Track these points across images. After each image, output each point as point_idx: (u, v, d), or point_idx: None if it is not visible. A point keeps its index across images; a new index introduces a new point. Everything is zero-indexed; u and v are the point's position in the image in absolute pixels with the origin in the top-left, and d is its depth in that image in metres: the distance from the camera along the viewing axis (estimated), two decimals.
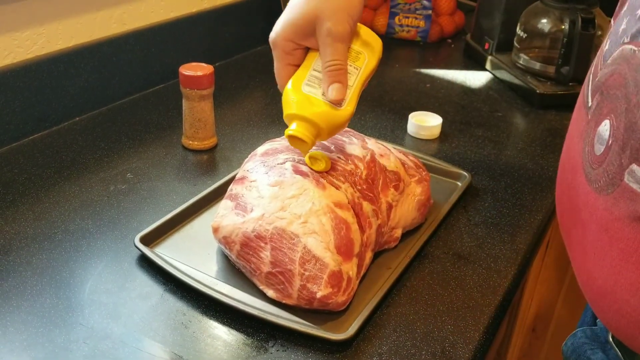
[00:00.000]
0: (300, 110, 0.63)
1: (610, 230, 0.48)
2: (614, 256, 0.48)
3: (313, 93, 0.63)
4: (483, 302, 0.68)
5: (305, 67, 0.64)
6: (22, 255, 0.70)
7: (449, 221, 0.81)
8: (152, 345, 0.60)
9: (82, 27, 1.02)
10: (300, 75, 0.64)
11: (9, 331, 0.60)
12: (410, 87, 1.24)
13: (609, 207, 0.48)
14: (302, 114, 0.63)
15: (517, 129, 1.10)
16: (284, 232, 0.64)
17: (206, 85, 0.89)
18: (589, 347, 0.61)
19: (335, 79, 0.62)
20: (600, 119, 0.50)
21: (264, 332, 0.62)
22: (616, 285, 0.48)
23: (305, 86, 0.63)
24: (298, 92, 0.63)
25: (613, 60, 0.50)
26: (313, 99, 0.63)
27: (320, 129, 0.63)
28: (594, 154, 0.50)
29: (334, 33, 0.61)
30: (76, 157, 0.91)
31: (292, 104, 0.63)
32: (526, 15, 1.24)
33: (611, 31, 0.53)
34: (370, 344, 0.62)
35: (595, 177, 0.50)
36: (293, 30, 0.62)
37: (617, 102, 0.47)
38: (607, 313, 0.51)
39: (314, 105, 0.63)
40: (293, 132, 0.63)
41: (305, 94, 0.63)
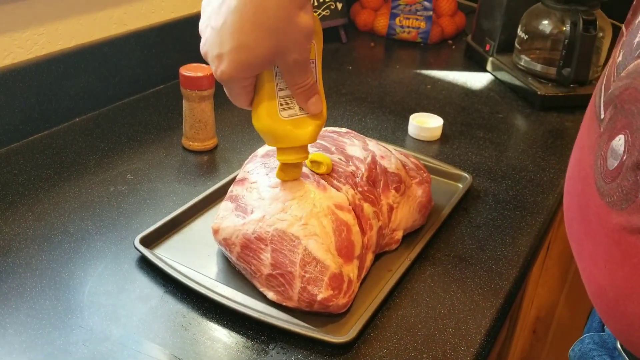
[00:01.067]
0: (293, 142, 0.62)
1: (623, 245, 0.47)
2: (627, 270, 0.47)
3: (293, 115, 0.61)
4: (484, 304, 0.68)
5: (269, 90, 0.60)
6: (21, 256, 0.70)
7: (450, 223, 0.81)
8: (152, 348, 0.59)
9: (83, 27, 1.01)
10: (270, 102, 0.60)
11: (8, 333, 0.60)
12: (411, 89, 1.23)
13: (622, 222, 0.47)
14: (296, 145, 0.63)
15: (518, 131, 1.10)
16: (284, 234, 0.64)
17: (206, 86, 0.89)
18: (597, 353, 0.60)
19: (310, 95, 0.60)
20: (614, 133, 0.49)
21: (264, 334, 0.62)
22: (629, 300, 0.47)
23: (282, 112, 0.61)
24: (281, 124, 0.61)
25: (628, 73, 0.49)
26: (297, 121, 0.61)
27: (309, 143, 0.64)
28: (606, 168, 0.50)
29: (300, 62, 0.57)
30: (76, 158, 0.91)
31: (282, 138, 0.62)
32: (527, 17, 1.23)
33: (624, 40, 0.52)
34: (371, 347, 0.61)
35: (608, 192, 0.49)
36: (248, 70, 0.57)
37: (633, 118, 0.47)
38: (618, 325, 0.50)
39: (301, 130, 0.62)
40: (291, 160, 0.64)
41: (288, 121, 0.61)
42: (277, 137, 0.62)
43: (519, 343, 1.20)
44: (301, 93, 0.60)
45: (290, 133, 0.61)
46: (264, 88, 0.60)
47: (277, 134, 0.61)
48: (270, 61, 0.56)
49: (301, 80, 0.59)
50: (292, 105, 0.61)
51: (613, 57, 0.54)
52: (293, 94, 0.60)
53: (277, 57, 0.56)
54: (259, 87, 0.60)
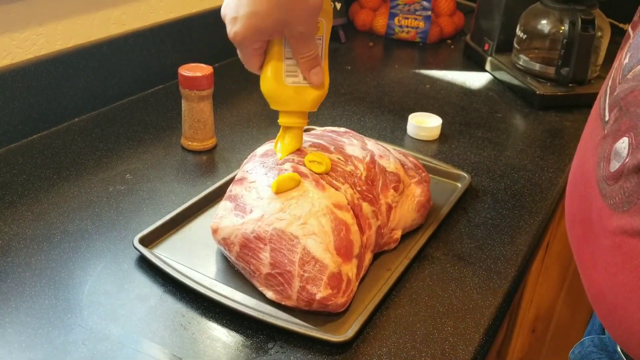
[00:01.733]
0: (294, 107, 0.68)
1: (624, 247, 0.47)
2: (627, 274, 0.47)
3: (296, 82, 0.67)
4: (483, 303, 0.68)
5: (277, 57, 0.66)
6: (21, 256, 0.70)
7: (449, 222, 0.81)
8: (151, 347, 0.59)
9: (81, 27, 1.01)
10: (277, 67, 0.66)
11: (7, 332, 0.60)
12: (410, 88, 1.23)
13: (623, 224, 0.47)
14: (297, 110, 0.69)
15: (516, 130, 1.10)
16: (283, 233, 0.64)
17: (205, 86, 0.89)
18: (597, 356, 0.60)
19: (312, 66, 0.66)
20: (618, 135, 0.49)
21: (263, 333, 0.62)
22: (628, 303, 0.47)
23: (287, 78, 0.67)
24: (285, 88, 0.67)
25: (634, 76, 0.49)
26: (300, 89, 0.67)
27: (309, 110, 0.70)
28: (609, 170, 0.49)
29: (306, 35, 0.63)
30: (75, 158, 0.91)
31: (284, 101, 0.68)
32: (526, 16, 1.24)
33: (631, 43, 0.52)
34: (369, 346, 0.61)
35: (611, 194, 0.49)
36: (258, 33, 0.62)
37: (637, 120, 0.47)
38: (617, 329, 0.50)
39: (303, 97, 0.68)
40: (291, 124, 0.70)
41: (292, 87, 0.67)
42: (280, 100, 0.68)
43: (518, 342, 1.20)
44: (305, 63, 0.65)
45: (292, 98, 0.67)
46: (273, 55, 0.65)
47: (280, 98, 0.67)
48: (278, 30, 0.62)
49: (305, 50, 0.64)
50: (297, 74, 0.67)
51: (619, 59, 0.53)
52: (297, 63, 0.66)
53: (284, 27, 0.61)
54: (269, 53, 0.66)
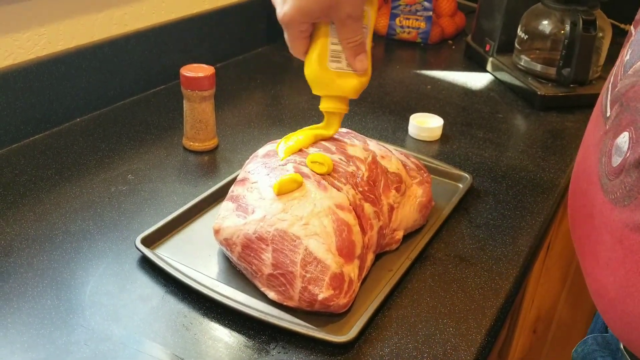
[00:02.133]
0: (336, 91, 0.69)
1: (625, 242, 0.47)
2: (628, 268, 0.47)
3: (340, 68, 0.68)
4: (485, 304, 0.68)
5: (323, 42, 0.67)
6: (23, 256, 0.70)
7: (451, 223, 0.81)
8: (153, 347, 0.60)
9: (83, 28, 1.02)
10: (321, 52, 0.67)
11: (9, 332, 0.60)
12: (411, 89, 1.24)
13: (624, 219, 0.47)
14: (338, 94, 0.70)
15: (518, 131, 1.10)
16: (285, 233, 0.64)
17: (207, 86, 0.89)
18: (600, 354, 0.60)
19: (358, 52, 0.66)
20: (619, 130, 0.49)
21: (265, 334, 0.62)
22: (629, 298, 0.47)
23: (331, 63, 0.67)
24: (328, 72, 0.68)
25: (635, 71, 0.49)
26: (343, 74, 0.68)
27: (351, 97, 0.71)
28: (610, 165, 0.50)
29: (353, 16, 0.63)
30: (77, 158, 0.91)
31: (327, 85, 0.69)
32: (527, 17, 1.24)
33: (632, 40, 0.53)
34: (371, 347, 0.61)
35: (612, 189, 0.49)
36: (306, 14, 0.63)
37: (637, 115, 0.47)
38: (618, 324, 0.50)
39: (345, 82, 0.69)
40: (332, 109, 0.71)
41: (335, 72, 0.68)
42: (322, 84, 0.69)
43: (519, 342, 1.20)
44: (350, 48, 0.66)
45: (334, 83, 0.68)
46: (319, 40, 0.66)
47: (322, 82, 0.69)
48: (326, 13, 0.63)
49: (351, 35, 0.65)
50: (341, 60, 0.67)
51: (621, 56, 0.54)
52: (343, 48, 0.66)
53: (332, 10, 0.62)
54: (315, 39, 0.67)
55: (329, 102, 0.71)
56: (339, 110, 0.71)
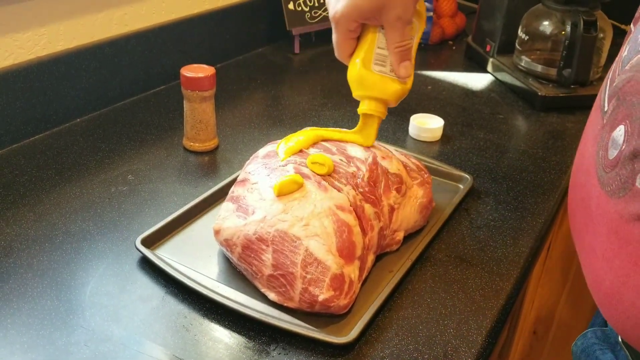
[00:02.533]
0: (377, 93, 0.70)
1: (620, 233, 0.48)
2: (623, 259, 0.48)
3: (383, 72, 0.69)
4: (485, 305, 0.68)
5: (369, 45, 0.68)
6: (22, 257, 0.70)
7: (451, 224, 0.81)
8: (153, 348, 0.59)
9: (84, 28, 1.01)
10: (367, 54, 0.68)
11: (9, 333, 0.60)
12: (412, 89, 1.22)
13: (619, 210, 0.48)
14: (379, 96, 0.70)
15: (518, 132, 1.10)
16: (285, 234, 0.64)
17: (207, 86, 0.89)
18: (599, 347, 0.61)
19: (404, 58, 0.67)
20: (615, 124, 0.50)
21: (265, 335, 0.62)
22: (624, 288, 0.48)
23: (375, 66, 0.68)
24: (371, 74, 0.68)
25: (631, 66, 0.50)
26: (386, 79, 0.69)
27: (391, 103, 0.71)
28: (607, 158, 0.51)
29: (403, 19, 0.64)
30: (77, 158, 0.91)
31: (368, 86, 0.69)
32: (528, 18, 1.23)
33: (631, 37, 0.54)
34: (372, 348, 0.61)
35: (608, 181, 0.50)
36: (357, 12, 0.64)
37: (633, 108, 0.48)
38: (614, 315, 0.51)
39: (387, 85, 0.69)
40: (371, 111, 0.71)
41: (378, 75, 0.69)
42: (365, 85, 0.69)
43: (520, 343, 1.20)
44: (397, 53, 0.67)
45: (375, 85, 0.69)
46: (365, 41, 0.67)
47: (365, 83, 0.69)
48: (377, 12, 0.64)
49: (400, 39, 0.66)
50: (385, 64, 0.68)
51: (620, 53, 0.55)
52: (390, 52, 0.67)
53: (383, 10, 0.63)
54: (362, 42, 0.68)
55: (369, 104, 0.71)
56: (378, 114, 0.71)
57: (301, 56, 1.38)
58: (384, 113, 0.72)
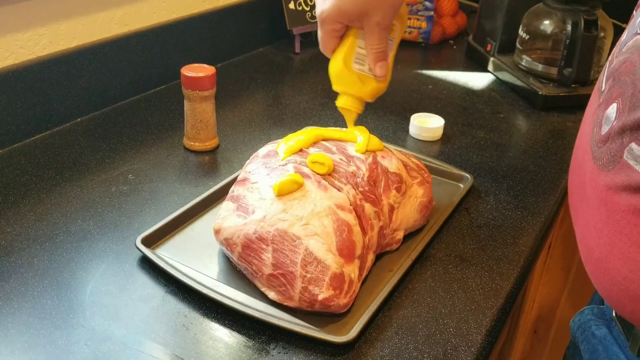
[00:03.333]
0: (354, 91, 0.74)
1: (608, 204, 0.52)
2: (610, 228, 0.51)
3: (362, 70, 0.73)
4: (485, 304, 0.68)
5: (351, 44, 0.72)
6: (23, 256, 0.70)
7: (451, 223, 0.81)
8: (153, 347, 0.59)
9: (84, 28, 1.02)
10: (348, 53, 0.72)
11: (10, 332, 0.60)
12: (412, 89, 1.23)
13: (608, 181, 0.52)
14: (355, 94, 0.74)
15: (519, 131, 1.10)
16: (285, 234, 0.64)
17: (208, 86, 0.89)
18: (595, 323, 0.63)
19: (379, 59, 0.71)
20: (609, 102, 0.54)
21: (265, 334, 0.62)
22: (610, 255, 0.51)
23: (354, 64, 0.72)
24: (350, 72, 0.73)
25: (627, 48, 0.53)
26: (363, 77, 0.73)
27: (366, 100, 0.75)
28: (600, 134, 0.54)
29: (381, 25, 0.68)
30: (78, 158, 0.91)
31: (347, 83, 0.73)
32: (528, 17, 1.23)
33: (631, 22, 0.57)
34: (372, 347, 0.61)
35: (600, 155, 0.54)
36: (341, 15, 0.68)
37: (625, 87, 0.51)
38: (602, 283, 0.54)
39: (364, 83, 0.73)
40: (347, 106, 0.75)
41: (357, 73, 0.73)
42: (343, 81, 0.73)
43: (520, 343, 1.20)
44: (373, 54, 0.71)
45: (354, 82, 0.73)
46: (347, 41, 0.71)
47: (344, 79, 0.73)
48: (360, 17, 0.68)
49: (376, 42, 0.70)
50: (364, 64, 0.72)
51: (621, 37, 0.59)
52: (367, 53, 0.71)
53: (365, 16, 0.68)
54: (345, 40, 0.72)
55: (346, 99, 0.74)
56: (354, 109, 0.75)
57: (302, 56, 1.38)
58: (360, 109, 0.76)
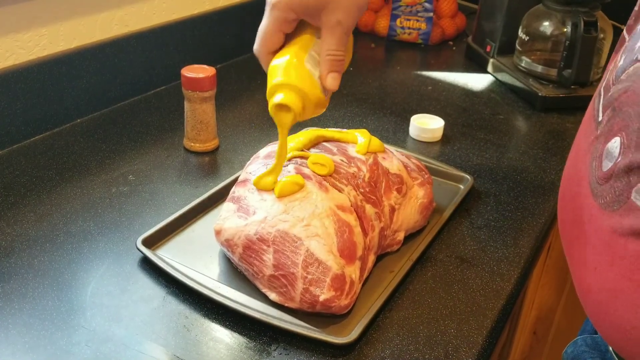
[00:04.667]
0: (304, 84, 0.60)
1: (613, 247, 0.48)
2: (616, 272, 0.48)
3: (313, 74, 0.61)
4: (486, 305, 0.68)
5: (304, 45, 0.62)
6: (23, 257, 0.70)
7: (452, 224, 0.81)
8: (154, 348, 0.59)
9: (84, 28, 1.02)
10: (300, 52, 0.61)
11: (10, 333, 0.60)
12: (412, 90, 1.23)
13: (613, 223, 0.48)
14: (304, 88, 0.60)
15: (519, 132, 1.10)
16: (286, 235, 0.64)
17: (208, 87, 0.89)
18: (589, 355, 0.61)
19: (335, 68, 0.61)
20: (610, 135, 0.50)
21: (266, 335, 0.62)
22: (616, 301, 0.48)
23: (306, 63, 0.61)
24: (302, 65, 0.61)
25: (627, 76, 0.49)
26: (314, 80, 0.61)
27: (306, 109, 0.62)
28: (601, 170, 0.50)
29: (343, 25, 0.60)
30: (78, 159, 0.91)
31: (297, 76, 0.60)
32: (528, 18, 1.23)
33: (626, 46, 0.53)
34: (373, 348, 0.61)
35: (602, 193, 0.49)
36: (299, 4, 0.59)
37: (630, 120, 0.47)
38: (606, 327, 0.51)
39: (314, 86, 0.61)
40: (291, 103, 0.60)
41: (309, 72, 0.61)
42: (291, 72, 0.60)
43: (520, 344, 1.20)
44: (329, 60, 0.61)
45: (305, 77, 0.60)
46: (299, 43, 0.61)
47: (293, 71, 0.60)
48: (320, 9, 0.59)
49: (335, 46, 0.60)
50: (316, 70, 0.61)
51: (614, 62, 0.54)
52: (322, 58, 0.61)
53: (326, 9, 0.59)
54: (293, 42, 0.62)
55: (289, 95, 0.60)
56: (296, 109, 0.61)
57: None
58: (301, 114, 0.61)
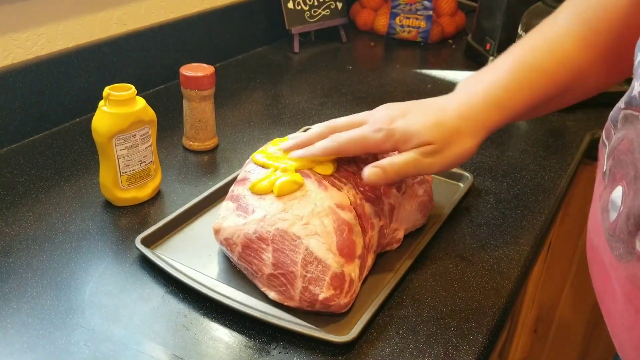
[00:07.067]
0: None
1: (634, 301, 0.46)
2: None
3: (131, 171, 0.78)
4: (486, 304, 0.67)
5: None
6: (22, 256, 0.70)
7: (452, 222, 0.81)
8: (153, 348, 0.59)
9: (82, 27, 1.01)
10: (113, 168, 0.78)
11: (9, 333, 0.60)
12: (411, 88, 1.23)
13: (629, 275, 0.46)
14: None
15: (518, 130, 1.09)
16: (285, 233, 0.63)
17: (207, 86, 0.89)
18: None
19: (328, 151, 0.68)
20: (613, 185, 0.49)
21: (265, 334, 0.62)
22: None
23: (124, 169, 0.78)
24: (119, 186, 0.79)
25: (622, 124, 0.49)
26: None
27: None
28: (609, 221, 0.49)
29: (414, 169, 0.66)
30: (76, 158, 0.91)
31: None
32: (528, 16, 1.23)
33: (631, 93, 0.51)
34: (372, 347, 0.61)
35: (615, 245, 0.48)
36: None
37: (627, 168, 0.46)
38: None
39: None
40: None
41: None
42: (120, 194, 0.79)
43: (520, 342, 1.20)
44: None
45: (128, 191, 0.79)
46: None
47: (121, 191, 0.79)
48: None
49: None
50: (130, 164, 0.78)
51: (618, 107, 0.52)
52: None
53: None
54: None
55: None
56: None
57: (301, 55, 1.38)
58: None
